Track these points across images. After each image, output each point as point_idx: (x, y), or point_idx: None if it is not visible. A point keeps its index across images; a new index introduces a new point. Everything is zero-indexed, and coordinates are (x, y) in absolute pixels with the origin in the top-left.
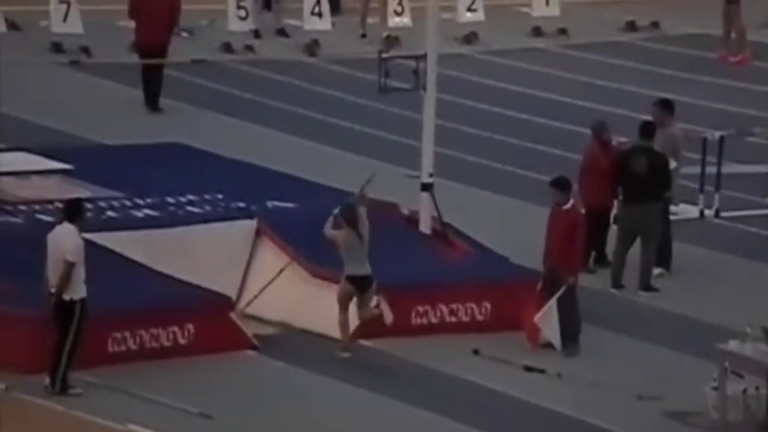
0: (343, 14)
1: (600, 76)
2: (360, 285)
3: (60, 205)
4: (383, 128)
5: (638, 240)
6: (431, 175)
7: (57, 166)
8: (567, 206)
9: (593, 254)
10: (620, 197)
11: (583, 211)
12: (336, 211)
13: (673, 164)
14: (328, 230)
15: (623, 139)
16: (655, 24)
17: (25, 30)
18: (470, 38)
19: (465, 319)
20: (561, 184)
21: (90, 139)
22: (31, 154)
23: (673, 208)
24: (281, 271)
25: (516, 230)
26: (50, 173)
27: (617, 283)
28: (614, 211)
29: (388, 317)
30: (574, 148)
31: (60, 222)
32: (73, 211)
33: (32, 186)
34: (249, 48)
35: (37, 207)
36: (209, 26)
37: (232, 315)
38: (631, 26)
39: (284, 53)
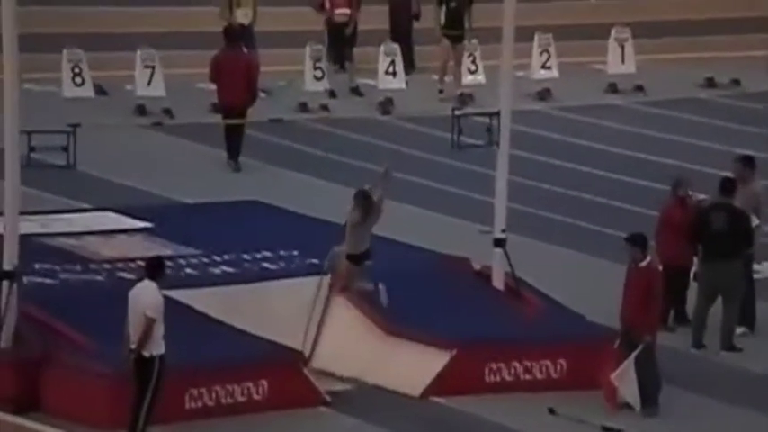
0: (418, 72)
1: (678, 132)
2: (357, 261)
3: (142, 263)
4: (456, 184)
5: (720, 299)
6: (504, 231)
7: (139, 225)
8: (644, 263)
9: (673, 312)
10: (700, 254)
11: (660, 268)
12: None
13: (755, 221)
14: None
15: (702, 196)
16: (735, 81)
17: (112, 94)
18: (544, 94)
19: (540, 376)
20: (637, 241)
21: (171, 198)
22: (114, 213)
23: (756, 266)
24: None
25: (591, 287)
26: (133, 232)
27: (698, 343)
28: (694, 269)
29: (384, 301)
30: (650, 205)
31: (141, 280)
32: (154, 269)
33: (115, 245)
34: (324, 107)
35: (119, 265)
36: (286, 86)
37: (305, 371)
38: (710, 83)
39: (358, 111)
